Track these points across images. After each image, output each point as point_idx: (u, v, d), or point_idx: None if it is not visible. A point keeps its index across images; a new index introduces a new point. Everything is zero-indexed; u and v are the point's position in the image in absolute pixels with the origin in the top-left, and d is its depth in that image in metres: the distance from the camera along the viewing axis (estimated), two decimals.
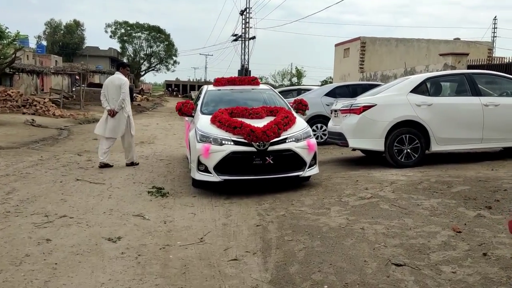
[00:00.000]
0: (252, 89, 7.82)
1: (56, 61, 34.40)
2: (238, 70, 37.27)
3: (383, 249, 3.75)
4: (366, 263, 3.48)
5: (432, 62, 18.14)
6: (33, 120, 14.90)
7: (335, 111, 8.16)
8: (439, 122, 7.16)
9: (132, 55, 64.80)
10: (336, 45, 29.93)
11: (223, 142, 5.88)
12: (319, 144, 11.44)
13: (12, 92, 19.57)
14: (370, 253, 3.67)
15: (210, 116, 6.37)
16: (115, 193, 6.03)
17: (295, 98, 7.53)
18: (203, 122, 6.42)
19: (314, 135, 11.41)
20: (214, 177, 5.85)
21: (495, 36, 56.21)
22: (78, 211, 5.15)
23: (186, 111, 7.03)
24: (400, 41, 25.79)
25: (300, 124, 6.41)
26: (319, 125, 11.24)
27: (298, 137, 6.09)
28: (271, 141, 5.85)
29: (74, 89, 34.63)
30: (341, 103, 7.98)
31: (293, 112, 6.89)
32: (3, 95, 19.21)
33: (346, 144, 7.54)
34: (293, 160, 5.99)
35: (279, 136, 5.94)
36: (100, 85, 41.85)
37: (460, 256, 3.50)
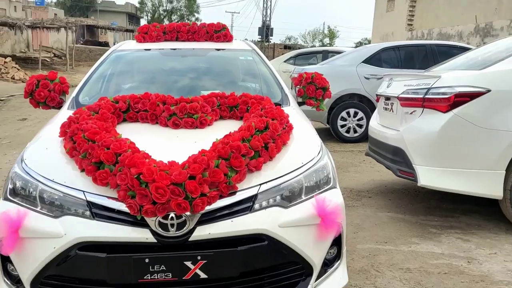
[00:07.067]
0: (217, 50, 3.69)
1: (55, 14, 30.59)
2: (259, 28, 32.24)
3: None
4: None
5: None
6: None
7: (387, 98, 4.04)
8: None
9: (151, 11, 60.37)
10: None
11: (66, 207, 1.95)
12: (352, 142, 6.85)
13: None
14: None
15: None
16: None
17: (301, 72, 3.38)
18: (45, 136, 2.50)
19: (343, 126, 6.89)
20: None
21: None
22: None
23: (42, 98, 3.05)
24: None
25: (304, 145, 2.38)
26: (351, 111, 7.06)
27: (293, 188, 2.07)
28: (204, 210, 1.86)
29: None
30: (401, 83, 3.85)
31: (292, 108, 2.88)
32: None
33: (410, 176, 3.46)
34: (273, 263, 2.01)
35: (233, 192, 1.95)
36: (104, 43, 37.75)
37: None
